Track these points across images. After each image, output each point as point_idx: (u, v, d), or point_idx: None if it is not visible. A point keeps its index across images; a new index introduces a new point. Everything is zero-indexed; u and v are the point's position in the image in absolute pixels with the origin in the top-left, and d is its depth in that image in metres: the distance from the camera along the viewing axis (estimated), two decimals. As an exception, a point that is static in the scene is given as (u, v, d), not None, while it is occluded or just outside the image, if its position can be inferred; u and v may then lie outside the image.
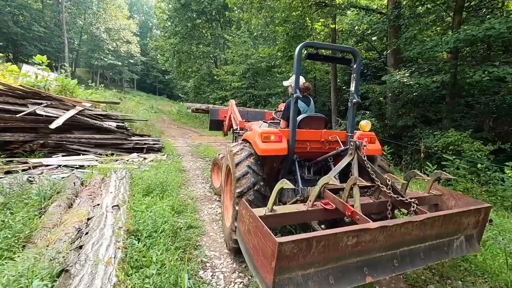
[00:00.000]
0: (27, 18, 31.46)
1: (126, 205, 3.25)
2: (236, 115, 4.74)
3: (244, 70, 20.06)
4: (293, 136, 2.75)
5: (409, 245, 1.99)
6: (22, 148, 6.18)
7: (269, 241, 1.57)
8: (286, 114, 3.36)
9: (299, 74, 2.79)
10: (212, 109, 5.73)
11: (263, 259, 1.64)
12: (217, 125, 5.86)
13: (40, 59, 8.57)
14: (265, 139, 2.68)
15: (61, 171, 5.36)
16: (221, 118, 5.64)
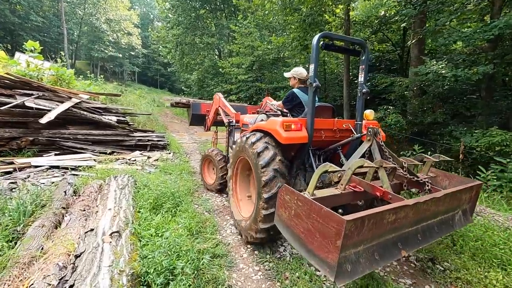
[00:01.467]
0: (25, 7, 30.38)
1: (129, 228, 2.43)
2: (229, 108, 4.58)
3: (250, 62, 19.10)
4: (311, 124, 2.77)
5: (427, 221, 2.19)
6: (9, 145, 5.36)
7: (332, 220, 1.62)
8: (287, 102, 3.46)
9: (317, 63, 2.75)
10: (193, 103, 5.42)
11: (321, 240, 1.68)
12: (199, 119, 5.54)
13: (32, 45, 7.68)
14: (287, 127, 2.69)
15: (52, 174, 4.53)
16: (204, 112, 5.35)
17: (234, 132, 4.42)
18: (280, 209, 2.10)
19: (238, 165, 3.35)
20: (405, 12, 8.07)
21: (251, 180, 3.41)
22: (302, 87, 3.50)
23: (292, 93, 3.45)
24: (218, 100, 4.92)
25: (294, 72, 3.57)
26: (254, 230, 2.72)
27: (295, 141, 2.69)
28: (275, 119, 2.84)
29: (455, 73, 6.89)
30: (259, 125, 3.04)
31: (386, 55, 18.29)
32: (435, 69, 6.78)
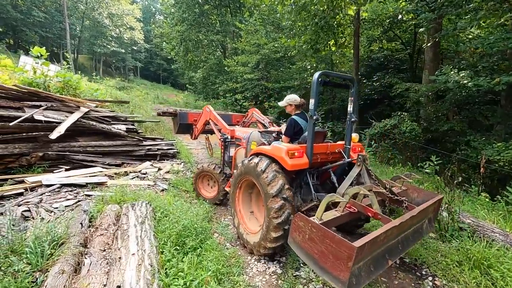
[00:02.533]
0: (27, 2, 30.00)
1: (156, 280, 2.27)
2: (222, 123, 4.77)
3: (256, 61, 18.78)
4: (311, 151, 3.13)
5: (405, 232, 2.62)
6: (18, 161, 5.20)
7: (344, 246, 1.97)
8: (289, 131, 3.70)
9: (317, 98, 3.06)
10: (180, 112, 5.60)
11: (334, 261, 2.03)
12: (185, 128, 5.70)
13: (38, 52, 7.47)
14: (292, 155, 3.00)
15: (65, 196, 4.38)
16: (190, 121, 5.56)
17: (230, 147, 4.64)
18: (294, 233, 2.44)
19: (242, 185, 3.59)
20: (423, 17, 7.77)
21: (252, 197, 3.72)
22: (299, 113, 3.83)
23: (294, 121, 3.71)
24: (208, 113, 5.10)
25: (288, 100, 3.86)
26: (263, 247, 3.08)
27: (298, 167, 3.00)
28: (279, 147, 3.12)
29: (476, 82, 6.63)
30: (263, 149, 3.30)
31: (395, 54, 17.89)
32: (457, 79, 6.51)
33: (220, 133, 4.92)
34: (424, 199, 3.25)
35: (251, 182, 3.37)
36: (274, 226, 2.89)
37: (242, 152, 4.44)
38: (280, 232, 2.90)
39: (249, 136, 4.37)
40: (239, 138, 4.60)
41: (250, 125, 6.18)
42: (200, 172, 4.92)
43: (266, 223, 3.01)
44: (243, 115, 6.39)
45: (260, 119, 5.85)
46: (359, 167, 3.12)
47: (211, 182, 5.00)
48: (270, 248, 3.02)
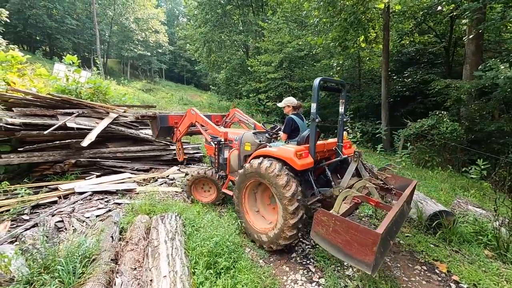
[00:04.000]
0: (60, 11, 31.71)
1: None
2: (213, 126, 4.74)
3: (280, 60, 18.41)
4: (314, 151, 3.40)
5: (396, 215, 2.79)
6: (53, 169, 5.33)
7: (369, 234, 2.28)
8: (287, 129, 4.09)
9: (318, 102, 3.34)
10: (160, 115, 5.35)
11: (359, 247, 2.34)
12: (166, 132, 5.53)
13: (70, 59, 7.69)
14: (300, 156, 3.22)
15: (96, 205, 4.39)
16: (171, 124, 5.40)
17: (224, 150, 4.66)
18: (317, 227, 2.67)
19: (248, 187, 3.75)
20: (467, 6, 7.07)
21: (257, 196, 3.91)
22: (295, 113, 4.18)
23: (292, 119, 4.06)
24: (194, 116, 4.99)
25: (287, 102, 4.24)
26: (277, 244, 3.32)
27: (306, 167, 3.22)
28: (286, 148, 3.34)
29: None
30: (269, 151, 3.47)
31: (428, 47, 16.78)
32: (510, 75, 5.83)
33: (209, 136, 4.83)
34: (401, 185, 3.72)
35: (257, 182, 3.64)
36: (289, 226, 3.14)
37: (236, 154, 4.51)
38: (294, 230, 3.18)
39: (242, 138, 4.49)
40: (230, 140, 4.63)
41: (231, 125, 6.10)
42: (194, 180, 4.88)
43: (280, 223, 3.23)
44: (222, 115, 6.21)
45: (244, 119, 5.78)
46: (356, 162, 3.41)
47: (206, 186, 5.03)
48: (283, 244, 3.30)
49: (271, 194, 3.72)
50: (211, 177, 4.74)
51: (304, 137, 3.78)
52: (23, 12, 28.33)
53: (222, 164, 4.67)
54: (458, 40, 15.52)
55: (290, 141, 4.14)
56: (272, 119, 19.61)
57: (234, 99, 23.81)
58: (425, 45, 16.56)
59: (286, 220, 3.14)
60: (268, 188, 3.51)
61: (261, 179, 3.42)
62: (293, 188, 3.11)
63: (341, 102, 3.78)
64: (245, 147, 4.48)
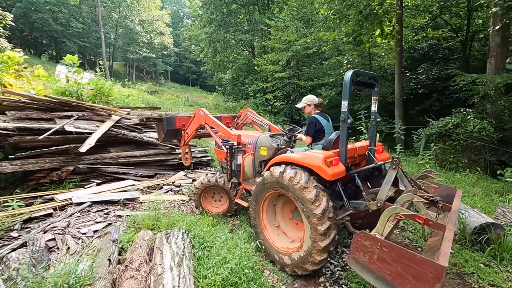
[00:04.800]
0: (66, 14, 31.72)
1: None
2: (224, 128, 4.28)
3: (287, 58, 17.89)
4: (345, 157, 2.92)
5: None
6: (49, 177, 4.91)
7: (429, 266, 1.81)
8: (311, 131, 3.59)
9: (349, 99, 2.80)
10: (167, 117, 4.83)
11: (416, 283, 1.85)
12: (173, 135, 5.03)
13: (70, 60, 7.31)
14: (330, 164, 2.75)
15: (94, 218, 3.93)
16: (179, 126, 4.89)
17: (237, 155, 4.14)
18: (357, 253, 2.21)
19: (266, 198, 3.29)
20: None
21: (277, 209, 3.42)
22: (319, 112, 3.72)
23: (315, 119, 3.57)
24: (203, 117, 4.50)
25: (307, 101, 3.78)
26: (303, 269, 2.83)
27: (337, 176, 2.76)
28: (313, 154, 2.88)
29: None
30: (291, 158, 2.99)
31: (443, 42, 16.07)
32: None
33: (220, 139, 4.39)
34: (441, 194, 3.23)
35: (277, 194, 3.18)
36: (319, 249, 2.67)
37: (250, 159, 4.08)
38: (325, 254, 2.72)
39: (257, 141, 4.07)
40: (244, 144, 4.19)
41: (243, 127, 5.68)
42: (203, 188, 4.39)
43: (308, 244, 2.74)
44: (233, 116, 5.69)
45: (257, 120, 5.31)
46: (394, 170, 2.88)
47: (217, 195, 4.57)
48: (310, 270, 2.82)
49: (294, 207, 3.22)
50: (222, 186, 4.25)
51: (332, 141, 3.33)
52: (29, 16, 28.38)
53: (234, 171, 4.17)
54: (476, 34, 14.82)
55: (313, 145, 3.64)
56: (280, 119, 19.08)
57: (241, 99, 23.35)
58: (438, 40, 15.88)
59: (315, 242, 2.66)
60: (290, 200, 3.01)
61: (283, 191, 2.96)
62: (323, 203, 2.64)
63: (374, 99, 3.28)
64: (261, 151, 4.01)
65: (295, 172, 2.81)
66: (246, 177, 4.14)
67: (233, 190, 4.28)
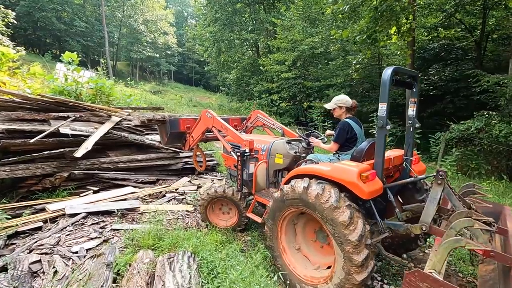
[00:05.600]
0: (69, 13, 31.51)
1: None
2: (234, 132, 3.80)
3: (294, 58, 17.41)
4: (382, 171, 2.51)
5: None
6: (41, 184, 4.48)
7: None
8: (341, 137, 3.13)
9: (388, 101, 2.39)
10: (170, 119, 4.38)
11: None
12: (176, 138, 4.58)
13: (69, 57, 6.90)
14: (366, 179, 2.30)
15: (88, 233, 3.49)
16: (183, 129, 4.47)
17: (249, 163, 3.61)
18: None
19: (286, 217, 2.83)
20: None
21: (297, 229, 2.96)
22: (351, 117, 3.25)
23: (348, 125, 3.11)
24: (210, 120, 4.05)
25: (338, 102, 3.26)
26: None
27: (375, 195, 2.36)
28: (345, 167, 2.45)
29: None
30: (317, 170, 2.55)
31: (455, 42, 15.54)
32: None
33: (229, 144, 3.94)
34: (486, 212, 2.71)
35: (299, 212, 2.73)
36: (354, 284, 2.22)
37: (264, 168, 3.66)
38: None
39: (271, 147, 3.67)
40: (256, 150, 3.77)
41: (252, 130, 5.22)
42: (210, 200, 3.90)
43: (339, 276, 2.29)
44: (242, 118, 5.22)
45: (269, 123, 4.86)
46: (440, 185, 2.39)
47: (225, 207, 4.09)
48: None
49: (317, 227, 2.76)
50: (231, 197, 3.79)
51: (363, 150, 2.85)
52: (33, 14, 28.17)
53: (246, 181, 3.70)
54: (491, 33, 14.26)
55: (341, 154, 3.17)
56: (286, 120, 18.60)
57: (245, 100, 22.92)
58: (451, 40, 15.36)
59: (349, 274, 2.20)
60: (312, 218, 2.56)
61: (307, 210, 2.51)
62: (359, 227, 2.20)
63: (412, 101, 2.80)
64: (276, 159, 3.59)
65: (323, 188, 2.37)
66: (258, 187, 3.68)
67: (243, 202, 3.82)
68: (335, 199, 2.28)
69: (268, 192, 3.67)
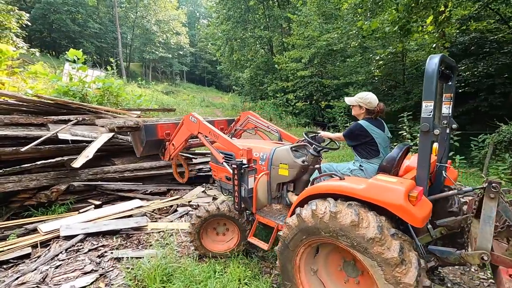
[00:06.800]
0: (83, 15, 31.68)
1: None
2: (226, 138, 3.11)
3: (311, 55, 16.55)
4: (427, 185, 2.04)
5: None
6: (36, 198, 3.91)
7: None
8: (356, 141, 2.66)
9: (436, 98, 1.91)
10: (146, 126, 3.65)
11: None
12: (154, 147, 3.84)
13: (74, 55, 6.37)
14: (415, 200, 1.80)
15: (83, 264, 2.85)
16: (161, 136, 3.75)
17: (248, 176, 2.83)
18: None
19: (305, 252, 2.20)
20: None
21: (319, 257, 2.28)
22: (370, 118, 2.71)
23: (360, 127, 2.62)
24: (196, 125, 3.35)
25: (360, 100, 2.74)
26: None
27: (427, 220, 1.88)
28: (388, 185, 1.86)
29: None
30: (351, 189, 1.96)
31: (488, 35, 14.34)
32: None
33: (221, 153, 3.21)
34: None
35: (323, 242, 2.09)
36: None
37: (265, 181, 2.96)
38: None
39: (273, 156, 3.02)
40: (254, 160, 3.07)
41: (242, 134, 4.56)
42: (204, 221, 3.08)
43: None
44: (229, 120, 4.50)
45: (262, 126, 4.16)
46: (493, 200, 1.88)
47: (221, 227, 3.33)
48: None
49: (348, 257, 2.12)
50: (228, 215, 3.03)
51: (395, 159, 2.36)
52: (48, 17, 28.40)
53: (245, 198, 2.92)
54: (531, 23, 13.00)
55: (363, 162, 2.60)
56: (302, 120, 17.75)
57: (259, 99, 22.21)
58: (482, 33, 14.17)
59: None
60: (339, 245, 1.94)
61: (335, 241, 1.93)
62: (414, 266, 1.68)
63: (447, 97, 2.36)
64: (280, 170, 2.94)
65: (357, 214, 1.81)
66: (260, 205, 2.96)
67: (241, 217, 3.07)
68: (378, 229, 1.73)
69: (271, 209, 3.01)
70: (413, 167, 2.54)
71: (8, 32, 17.21)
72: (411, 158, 2.71)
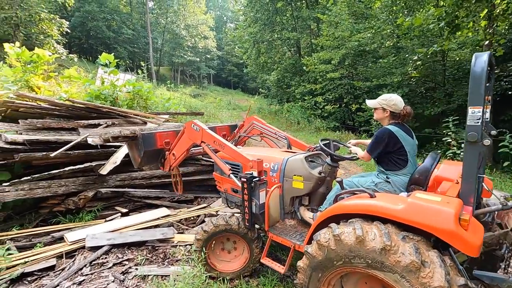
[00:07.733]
0: (118, 22, 33.22)
1: None
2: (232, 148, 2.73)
3: (342, 56, 15.86)
4: (475, 204, 1.78)
5: None
6: (65, 204, 3.84)
7: None
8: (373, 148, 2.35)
9: (485, 103, 1.73)
10: (144, 135, 3.29)
11: None
12: (153, 157, 3.49)
13: (106, 59, 6.43)
14: (466, 224, 1.56)
15: (106, 281, 2.66)
16: (161, 146, 3.42)
17: (259, 190, 2.47)
18: None
19: (330, 283, 1.87)
20: None
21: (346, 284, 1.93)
22: (396, 123, 2.39)
23: (387, 133, 2.27)
24: (199, 133, 3.04)
25: (384, 102, 2.40)
26: None
27: (481, 247, 1.60)
28: (429, 205, 1.63)
29: None
30: (387, 210, 1.69)
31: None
32: None
33: (227, 164, 2.85)
34: None
35: None
36: None
37: (277, 195, 2.66)
38: None
39: (285, 166, 2.72)
40: (264, 171, 2.80)
41: (245, 142, 4.20)
42: (209, 237, 2.78)
43: None
44: (232, 126, 4.10)
45: (269, 132, 3.77)
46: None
47: (228, 243, 3.02)
48: None
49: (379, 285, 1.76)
50: (237, 231, 2.69)
51: (429, 171, 2.17)
52: (86, 24, 30.10)
53: (256, 215, 2.55)
54: None
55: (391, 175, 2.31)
56: (331, 124, 17.06)
57: (286, 102, 21.79)
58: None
59: None
60: None
61: (365, 270, 1.67)
62: (439, 266, 1.50)
63: (486, 100, 1.95)
64: (294, 183, 2.65)
65: (390, 239, 1.59)
66: (272, 221, 2.60)
67: (252, 233, 2.72)
68: (419, 256, 1.52)
69: (285, 225, 2.70)
70: (444, 178, 2.32)
71: (50, 39, 18.39)
72: (440, 167, 2.46)
